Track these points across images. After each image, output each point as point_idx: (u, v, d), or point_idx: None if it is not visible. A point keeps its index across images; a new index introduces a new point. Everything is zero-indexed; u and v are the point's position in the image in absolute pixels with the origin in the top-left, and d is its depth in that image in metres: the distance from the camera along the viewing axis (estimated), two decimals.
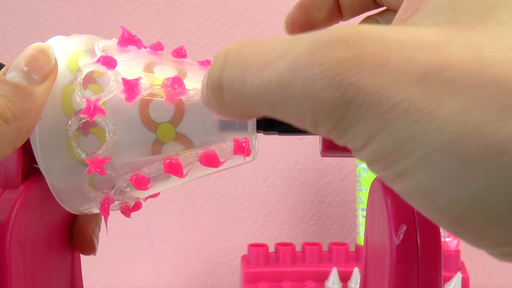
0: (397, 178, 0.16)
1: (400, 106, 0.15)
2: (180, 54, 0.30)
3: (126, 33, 0.29)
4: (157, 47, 0.30)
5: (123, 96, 0.27)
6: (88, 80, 0.27)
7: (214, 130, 0.28)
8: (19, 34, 0.74)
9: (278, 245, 0.67)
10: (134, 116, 0.27)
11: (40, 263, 0.31)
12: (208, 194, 0.76)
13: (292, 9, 0.30)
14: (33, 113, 0.26)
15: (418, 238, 0.28)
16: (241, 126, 0.28)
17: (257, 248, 0.66)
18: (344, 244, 0.68)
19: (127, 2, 0.75)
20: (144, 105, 0.27)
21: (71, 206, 0.29)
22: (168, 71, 0.28)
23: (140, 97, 0.27)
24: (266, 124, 0.29)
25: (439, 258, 0.29)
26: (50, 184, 0.28)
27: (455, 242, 0.65)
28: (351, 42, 0.16)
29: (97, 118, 0.27)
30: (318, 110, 0.17)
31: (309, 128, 0.18)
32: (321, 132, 0.17)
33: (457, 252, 0.64)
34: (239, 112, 0.20)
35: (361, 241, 0.68)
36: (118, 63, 0.28)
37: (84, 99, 0.27)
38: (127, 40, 0.29)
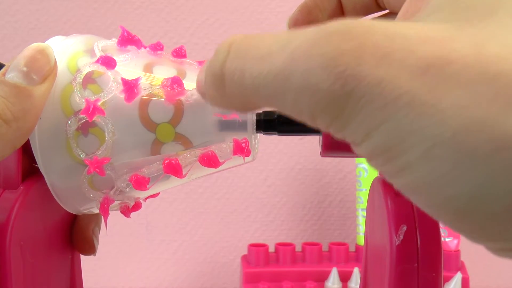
0: (398, 173, 0.16)
1: (402, 99, 0.15)
2: (179, 54, 0.30)
3: (125, 33, 0.29)
4: (157, 47, 0.30)
5: (123, 96, 0.27)
6: (87, 80, 0.27)
7: (213, 131, 0.28)
8: (19, 34, 0.74)
9: (278, 245, 0.67)
10: (133, 116, 0.27)
11: (40, 263, 0.31)
12: (208, 194, 0.76)
13: (295, 10, 0.30)
14: (33, 113, 0.26)
15: (418, 238, 0.28)
16: (240, 126, 0.28)
17: (257, 248, 0.66)
18: (344, 244, 0.68)
19: (127, 2, 0.75)
20: (143, 105, 0.27)
21: (71, 206, 0.29)
22: (167, 71, 0.28)
23: (139, 97, 0.27)
24: (266, 124, 0.29)
25: (439, 259, 0.29)
26: (49, 184, 0.28)
27: (455, 242, 0.65)
28: (353, 33, 0.16)
29: (96, 118, 0.27)
30: (317, 102, 0.16)
31: (308, 121, 0.17)
32: (320, 125, 0.17)
33: (457, 252, 0.64)
34: (239, 104, 0.20)
35: (361, 241, 0.68)
36: (117, 63, 0.28)
37: (83, 99, 0.27)
38: (127, 40, 0.29)
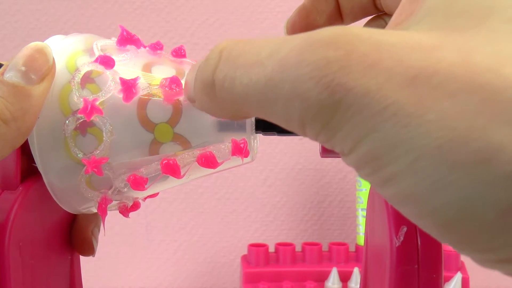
0: (385, 183, 0.16)
1: (389, 109, 0.15)
2: (179, 54, 0.30)
3: (125, 32, 0.29)
4: (156, 47, 0.30)
5: (121, 96, 0.27)
6: (86, 79, 0.27)
7: (212, 131, 0.28)
8: (19, 34, 0.74)
9: (278, 245, 0.67)
10: (131, 116, 0.27)
11: (39, 264, 0.30)
12: (208, 194, 0.76)
13: (293, 13, 0.30)
14: (31, 113, 0.26)
15: (419, 239, 0.28)
16: (239, 127, 0.28)
17: (257, 248, 0.66)
18: (344, 244, 0.68)
19: (127, 2, 0.75)
20: (141, 105, 0.27)
21: (69, 206, 0.29)
22: (166, 71, 0.28)
23: (138, 97, 0.27)
24: (265, 124, 0.28)
25: (440, 260, 0.28)
26: (47, 183, 0.28)
27: None
28: (341, 42, 0.16)
29: (94, 118, 0.27)
30: (306, 111, 0.16)
31: (297, 130, 0.17)
32: (309, 134, 0.17)
33: (457, 252, 0.64)
34: (229, 111, 0.20)
35: (361, 241, 0.68)
36: (116, 63, 0.28)
37: (81, 99, 0.27)
38: (126, 39, 0.29)
